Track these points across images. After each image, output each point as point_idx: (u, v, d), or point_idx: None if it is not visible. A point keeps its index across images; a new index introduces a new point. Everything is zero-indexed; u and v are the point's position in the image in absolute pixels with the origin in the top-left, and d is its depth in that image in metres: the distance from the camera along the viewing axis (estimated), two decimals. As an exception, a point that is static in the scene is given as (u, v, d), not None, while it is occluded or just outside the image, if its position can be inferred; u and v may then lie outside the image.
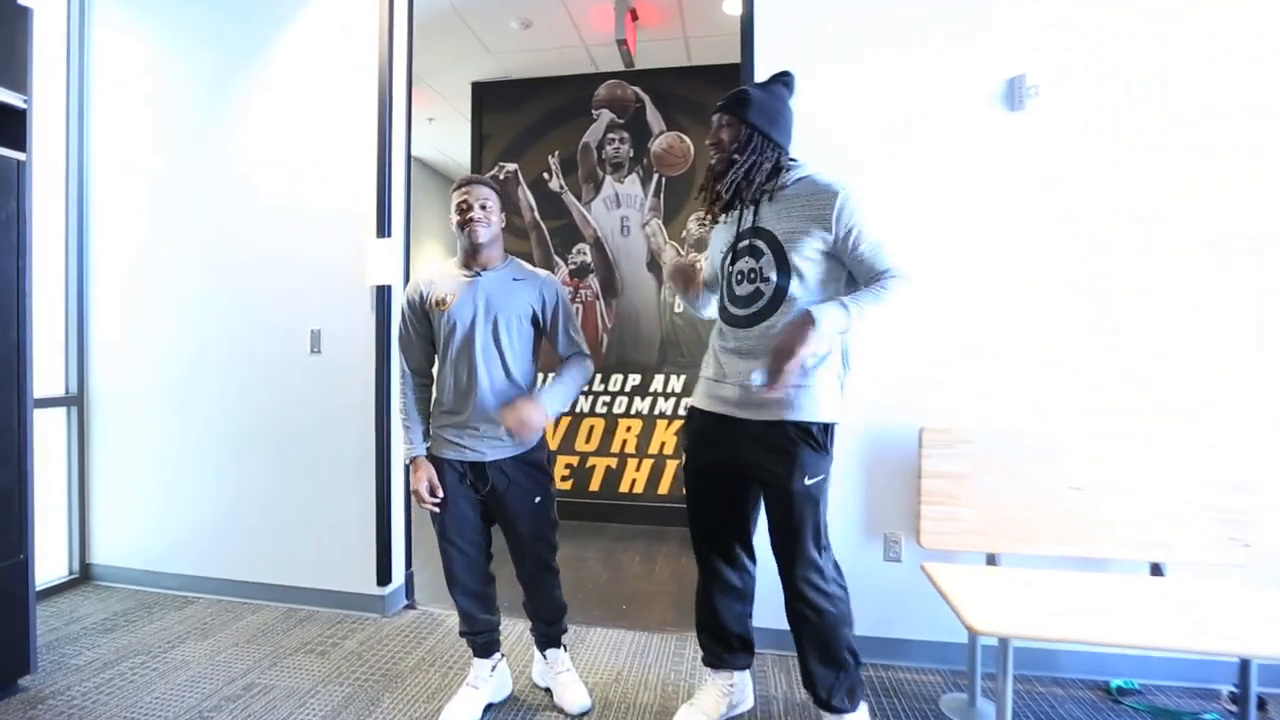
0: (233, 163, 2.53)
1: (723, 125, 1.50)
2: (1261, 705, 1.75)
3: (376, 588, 2.39)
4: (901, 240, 1.54)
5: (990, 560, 1.88)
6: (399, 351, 1.76)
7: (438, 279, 1.71)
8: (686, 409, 1.70)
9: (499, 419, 1.60)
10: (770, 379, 1.37)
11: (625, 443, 3.73)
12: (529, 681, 1.93)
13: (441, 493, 1.66)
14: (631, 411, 3.72)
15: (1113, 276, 1.76)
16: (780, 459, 1.46)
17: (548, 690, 1.86)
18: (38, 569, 2.51)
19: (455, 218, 1.67)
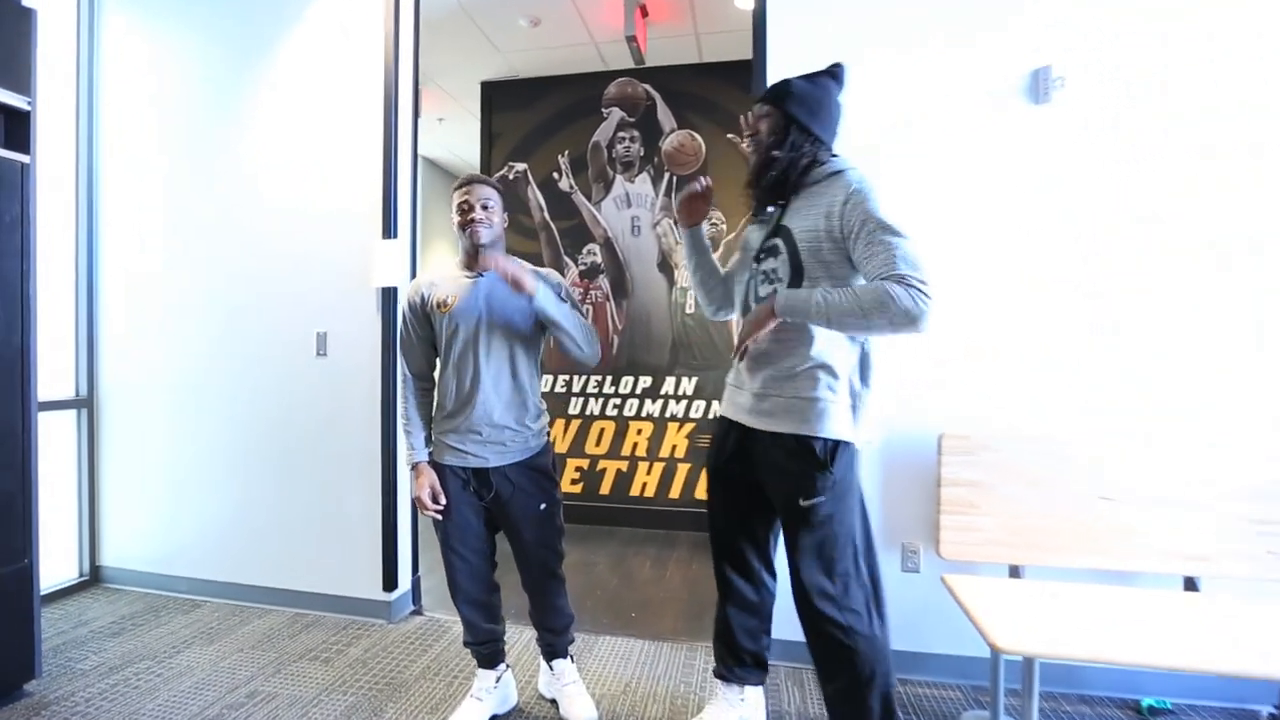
0: (240, 164, 2.52)
1: (761, 116, 1.42)
2: (1304, 728, 1.67)
3: (382, 593, 2.36)
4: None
5: (1013, 572, 1.80)
6: (400, 355, 1.73)
7: (438, 281, 1.67)
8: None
9: (488, 266, 1.54)
10: (735, 353, 1.45)
11: (636, 446, 3.68)
12: (535, 692, 1.89)
13: (444, 500, 1.63)
14: (642, 414, 3.67)
15: (1113, 276, 1.75)
16: (779, 474, 1.39)
17: (554, 702, 1.82)
18: (48, 571, 2.54)
19: (456, 218, 1.64)
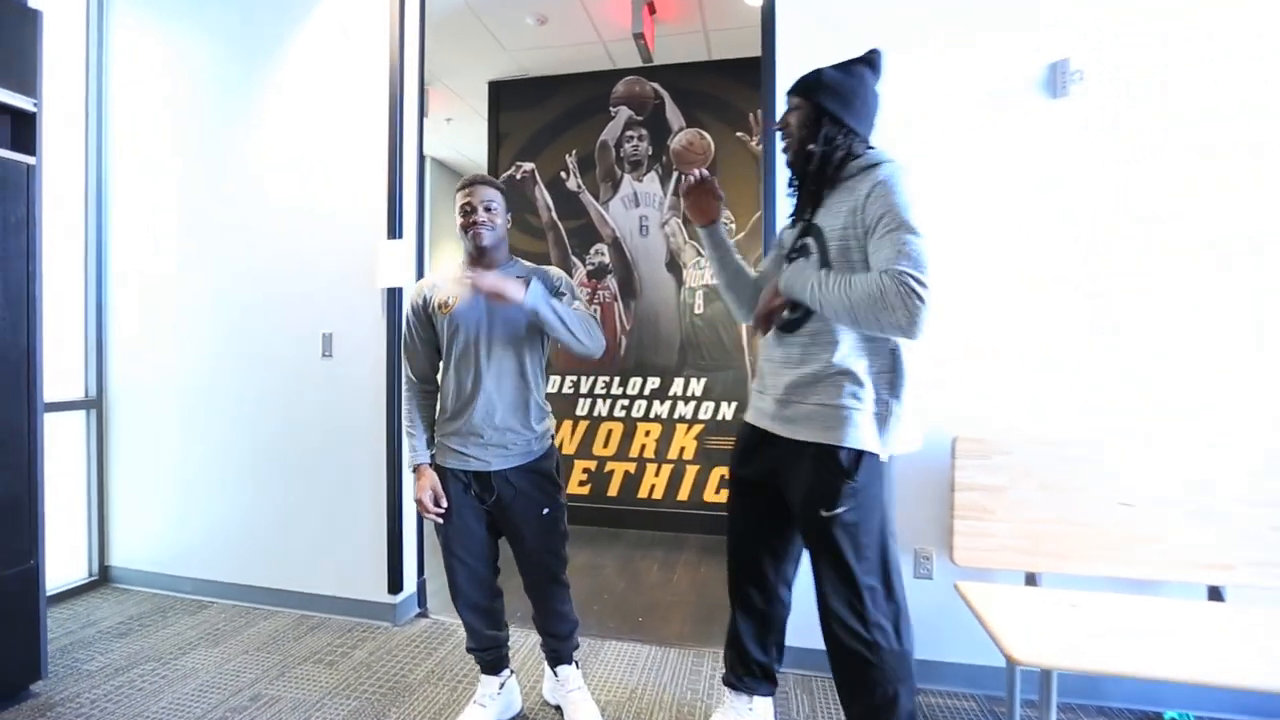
0: (246, 164, 2.51)
1: (791, 108, 1.36)
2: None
3: (387, 596, 2.35)
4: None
5: (1029, 580, 1.75)
6: (404, 358, 1.71)
7: (440, 283, 1.65)
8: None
9: (476, 284, 1.46)
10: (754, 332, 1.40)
11: (644, 447, 3.64)
12: (540, 698, 1.86)
13: (446, 502, 1.60)
14: (651, 415, 3.64)
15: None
16: (801, 482, 1.33)
17: (558, 708, 1.79)
18: (58, 570, 2.57)
19: (459, 219, 1.62)
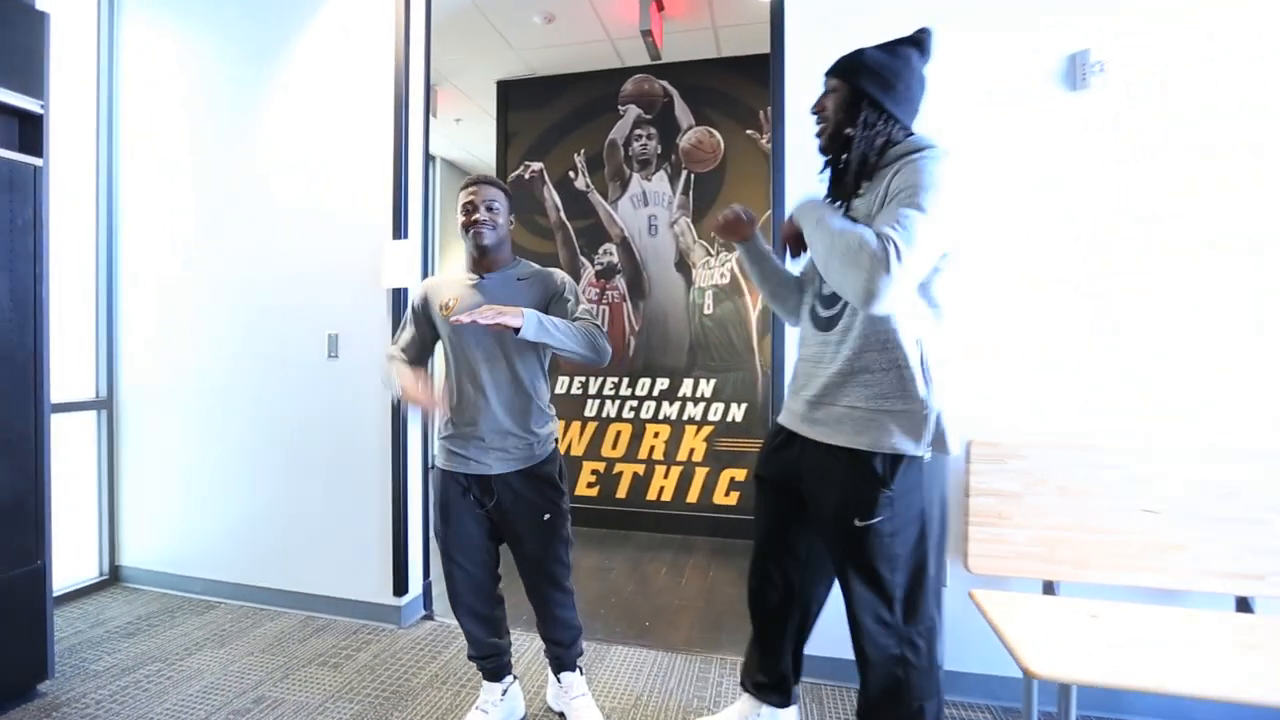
0: (254, 164, 2.52)
1: (828, 91, 1.27)
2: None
3: (392, 598, 2.34)
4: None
5: (1047, 588, 1.70)
6: (393, 341, 1.71)
7: (442, 284, 1.65)
8: None
9: (476, 321, 1.37)
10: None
11: (653, 449, 3.61)
12: (544, 704, 1.84)
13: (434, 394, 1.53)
14: (660, 417, 3.60)
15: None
16: (831, 489, 1.25)
17: (562, 715, 1.76)
18: (70, 569, 2.59)
19: (460, 218, 1.60)
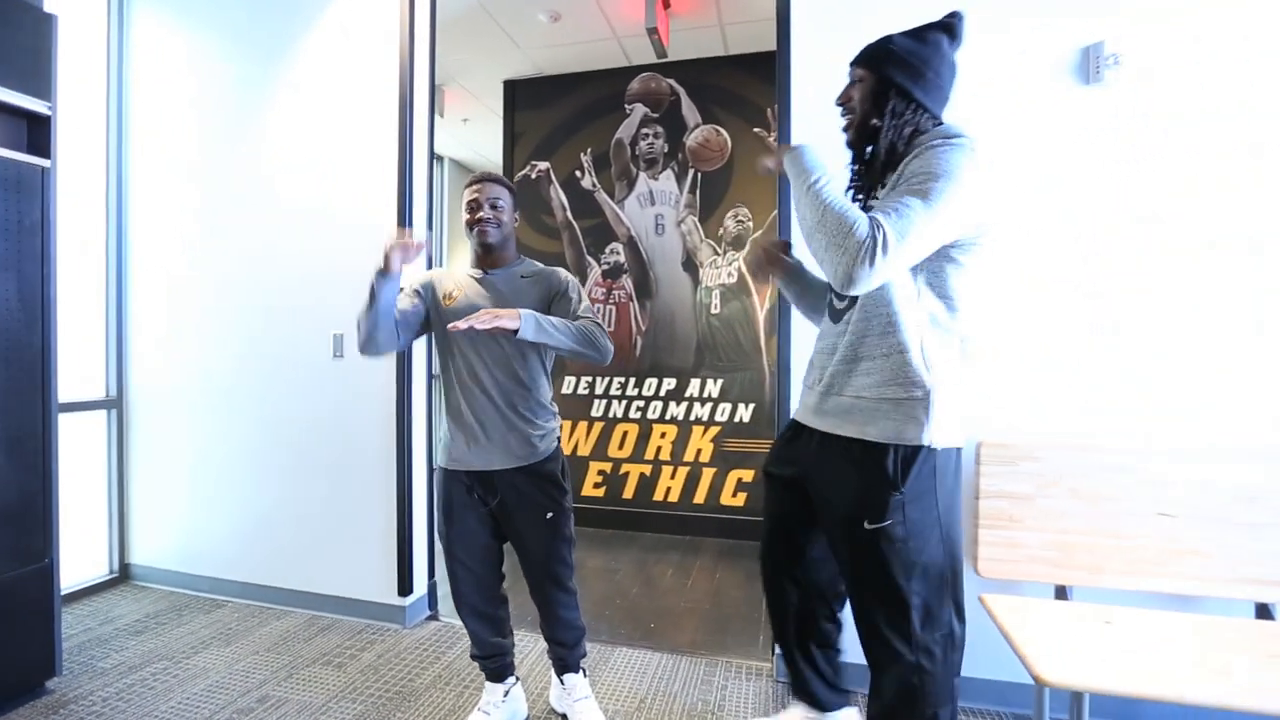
0: (260, 164, 2.53)
1: (854, 81, 1.23)
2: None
3: (397, 598, 2.34)
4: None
5: (1059, 593, 1.66)
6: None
7: (447, 275, 1.65)
8: None
9: (473, 326, 1.37)
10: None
11: (660, 449, 3.59)
12: (547, 706, 1.82)
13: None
14: (666, 417, 3.58)
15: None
16: (840, 487, 1.19)
17: (564, 717, 1.75)
18: (81, 567, 2.61)
19: (465, 216, 1.60)
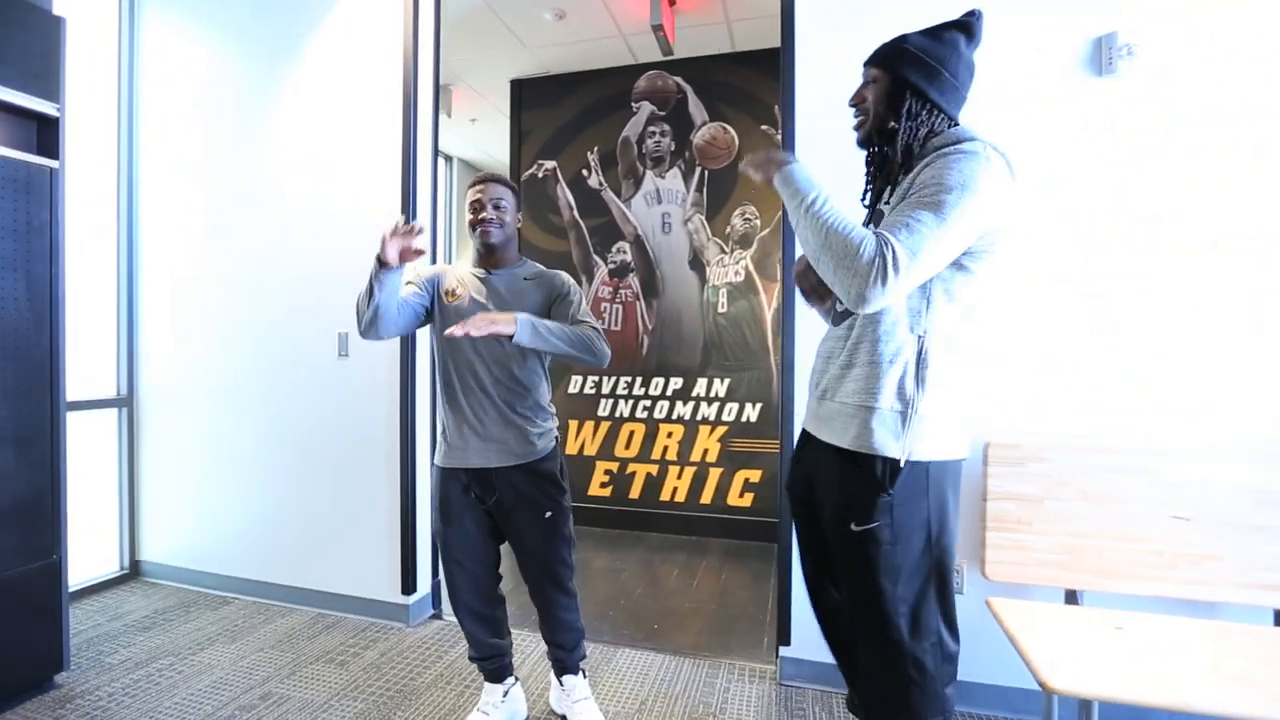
0: (264, 165, 2.54)
1: (867, 81, 1.20)
2: None
3: (401, 596, 2.34)
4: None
5: (1070, 598, 1.62)
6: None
7: (451, 272, 1.65)
8: None
9: (467, 332, 1.35)
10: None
11: (666, 449, 3.57)
12: (547, 707, 1.81)
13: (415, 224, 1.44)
14: (673, 417, 3.56)
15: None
16: (830, 489, 1.20)
17: (564, 718, 1.74)
18: (92, 563, 2.64)
19: (468, 216, 1.60)
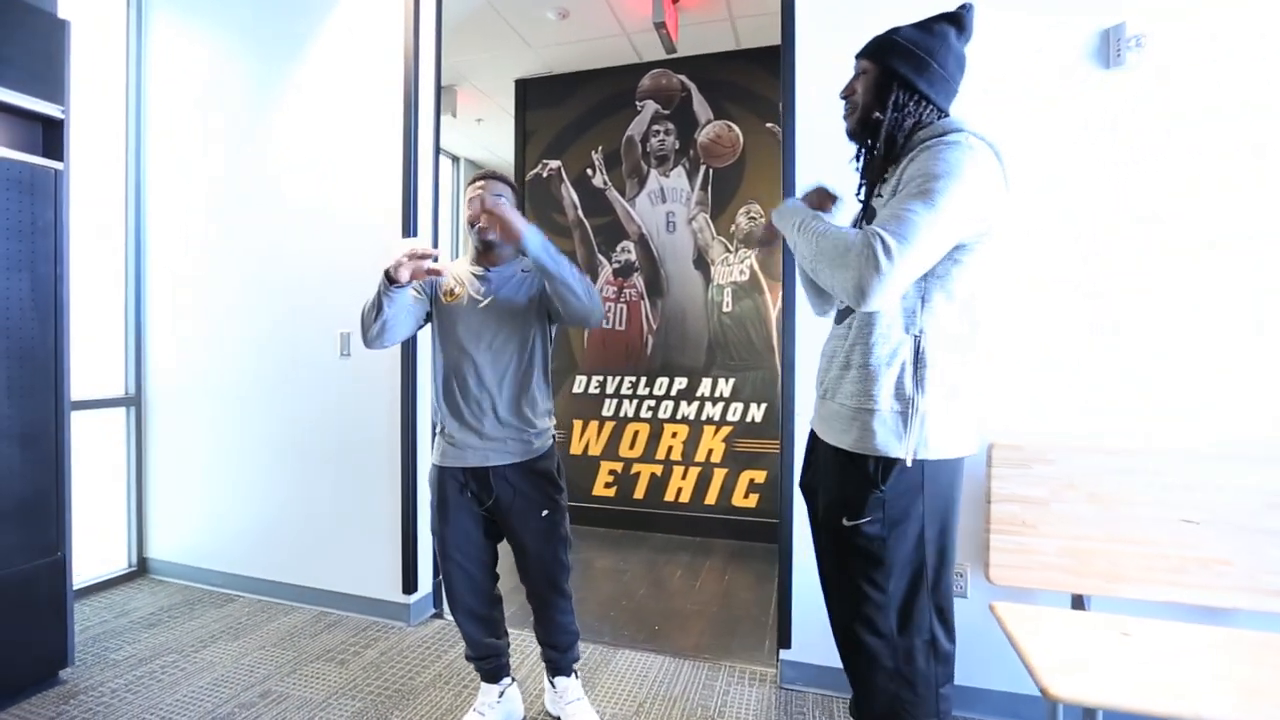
0: (265, 165, 2.56)
1: (858, 73, 1.21)
2: None
3: (402, 595, 2.35)
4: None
5: (1076, 603, 1.58)
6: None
7: (448, 272, 1.63)
8: None
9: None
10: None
11: (671, 449, 3.55)
12: (544, 709, 1.80)
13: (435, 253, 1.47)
14: (678, 417, 3.54)
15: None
16: (825, 485, 1.21)
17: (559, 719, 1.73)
18: (101, 560, 2.67)
19: (467, 213, 1.59)
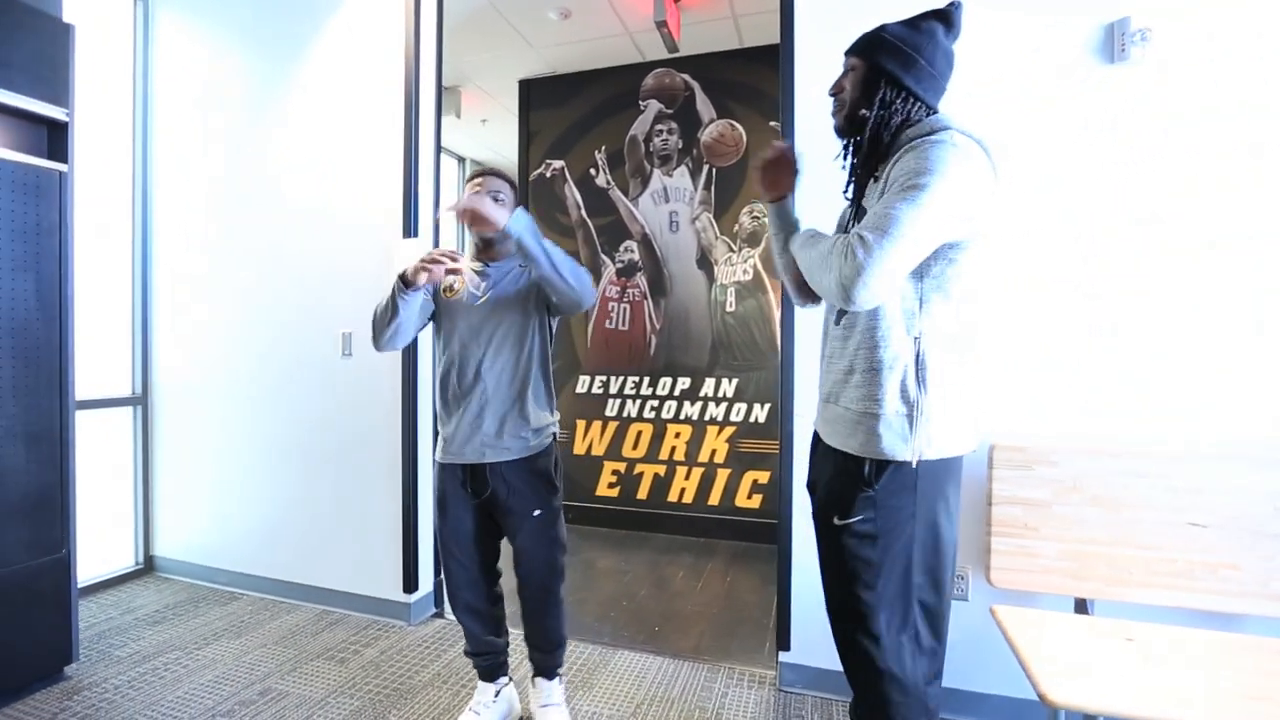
0: (266, 164, 2.58)
1: (846, 70, 1.20)
2: None
3: (403, 594, 2.35)
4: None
5: (1079, 607, 1.56)
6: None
7: (465, 269, 1.63)
8: None
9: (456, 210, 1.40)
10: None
11: (674, 450, 3.54)
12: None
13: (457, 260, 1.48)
14: (681, 417, 3.53)
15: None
16: (823, 482, 1.22)
17: None
18: (108, 557, 2.70)
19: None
